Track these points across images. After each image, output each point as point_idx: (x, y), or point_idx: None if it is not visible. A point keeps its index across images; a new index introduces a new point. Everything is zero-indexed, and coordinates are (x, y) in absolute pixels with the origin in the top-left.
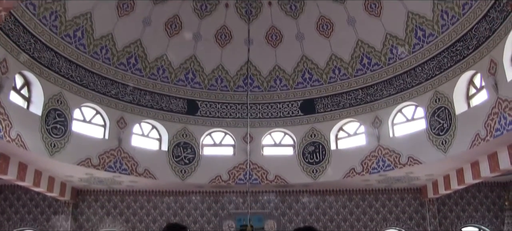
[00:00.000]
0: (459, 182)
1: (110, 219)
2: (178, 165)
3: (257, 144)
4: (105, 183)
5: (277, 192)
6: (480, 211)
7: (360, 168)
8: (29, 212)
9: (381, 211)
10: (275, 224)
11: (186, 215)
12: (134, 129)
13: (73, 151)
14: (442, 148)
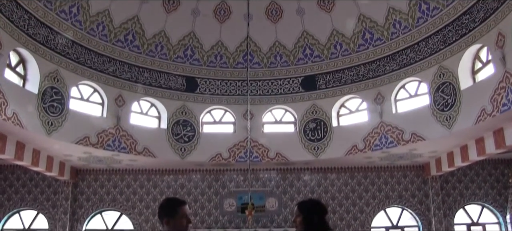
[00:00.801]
0: (463, 159)
1: (110, 198)
2: (177, 143)
3: (257, 121)
4: (105, 162)
5: (278, 169)
6: (484, 189)
7: (362, 145)
8: (29, 192)
9: (384, 188)
10: (276, 202)
11: (186, 194)
12: (133, 106)
13: (71, 130)
14: (446, 124)
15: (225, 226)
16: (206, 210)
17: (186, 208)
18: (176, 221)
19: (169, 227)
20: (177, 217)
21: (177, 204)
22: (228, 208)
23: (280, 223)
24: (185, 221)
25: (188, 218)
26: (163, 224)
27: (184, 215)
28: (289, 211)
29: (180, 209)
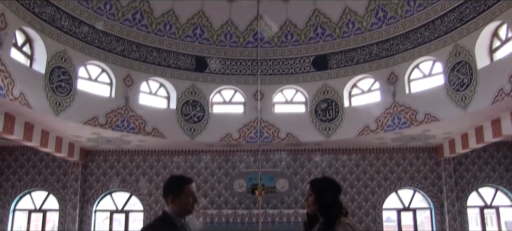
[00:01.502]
0: (478, 141)
1: (120, 179)
2: (187, 123)
3: (268, 101)
4: (114, 143)
5: (289, 150)
6: (498, 171)
7: (374, 125)
8: (39, 173)
9: (396, 170)
10: (287, 183)
11: (196, 175)
12: (142, 87)
13: (79, 110)
14: (461, 104)
15: (235, 207)
16: (216, 191)
17: (193, 186)
18: (181, 200)
19: (174, 206)
20: (183, 195)
21: (183, 182)
22: (238, 189)
23: (290, 204)
24: (191, 199)
25: (194, 197)
26: (168, 203)
27: (190, 194)
28: (300, 192)
29: (186, 187)
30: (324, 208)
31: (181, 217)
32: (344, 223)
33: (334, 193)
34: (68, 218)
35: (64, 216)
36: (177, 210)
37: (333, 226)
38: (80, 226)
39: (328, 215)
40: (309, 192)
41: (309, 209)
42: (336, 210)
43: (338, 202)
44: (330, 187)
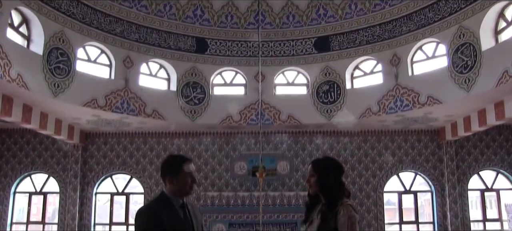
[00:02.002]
0: (480, 123)
1: (120, 161)
2: (187, 105)
3: (269, 83)
4: (114, 125)
5: (290, 132)
6: (499, 155)
7: (376, 108)
8: (39, 155)
9: (397, 153)
10: (288, 165)
11: (197, 157)
12: (142, 68)
13: (78, 92)
14: (464, 86)
15: (236, 189)
16: (216, 173)
17: (191, 166)
18: (179, 180)
19: (172, 186)
20: (181, 175)
21: (181, 161)
22: (239, 171)
23: (291, 186)
24: (189, 179)
25: (193, 176)
26: (166, 183)
27: (189, 174)
28: (301, 174)
29: (185, 167)
30: (326, 188)
31: (179, 198)
32: (347, 204)
33: (337, 174)
34: (68, 201)
35: (65, 198)
36: (175, 190)
37: (335, 208)
38: (80, 208)
39: (330, 196)
40: (311, 173)
41: (311, 189)
42: (339, 191)
43: (341, 183)
44: (332, 167)
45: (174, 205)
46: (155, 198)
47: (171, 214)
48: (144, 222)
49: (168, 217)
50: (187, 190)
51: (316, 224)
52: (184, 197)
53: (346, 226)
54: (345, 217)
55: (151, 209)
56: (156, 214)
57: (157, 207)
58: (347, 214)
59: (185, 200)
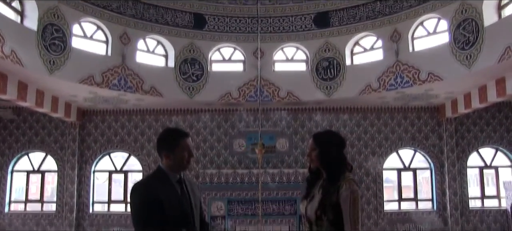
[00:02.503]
0: (481, 100)
1: (118, 139)
2: (185, 82)
3: (268, 59)
4: (111, 103)
5: (289, 109)
6: (499, 132)
7: (376, 84)
8: (36, 133)
9: (397, 130)
10: (287, 142)
11: (195, 134)
12: (139, 44)
13: (74, 69)
14: (466, 63)
15: (235, 166)
16: (215, 151)
17: (189, 141)
18: (176, 155)
19: (168, 161)
20: (177, 150)
21: (178, 135)
22: (237, 149)
23: (290, 163)
24: (186, 154)
25: (190, 151)
26: (162, 158)
27: (186, 148)
28: (300, 151)
29: (182, 141)
30: (328, 163)
31: (176, 173)
32: (349, 179)
33: (338, 147)
34: (66, 179)
35: (63, 177)
36: (172, 165)
37: (337, 182)
38: (79, 186)
39: (332, 170)
40: (312, 146)
41: (312, 164)
42: (341, 165)
43: (343, 157)
44: (334, 140)
45: (171, 180)
46: (151, 173)
47: (168, 189)
48: (139, 197)
49: (164, 192)
50: (184, 165)
51: (318, 200)
52: (181, 172)
53: (348, 201)
54: (348, 192)
55: (147, 184)
56: (152, 189)
57: (153, 182)
58: (349, 189)
59: (182, 175)
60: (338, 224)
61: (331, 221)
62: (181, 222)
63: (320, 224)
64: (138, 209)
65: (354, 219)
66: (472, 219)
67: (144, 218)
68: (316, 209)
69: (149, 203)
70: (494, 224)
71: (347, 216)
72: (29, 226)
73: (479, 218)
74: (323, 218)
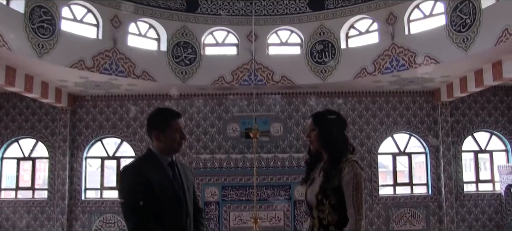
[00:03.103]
0: (477, 84)
1: (110, 124)
2: (178, 66)
3: (262, 43)
4: (103, 88)
5: (283, 93)
6: (494, 116)
7: (372, 67)
8: (26, 120)
9: (392, 114)
10: (281, 127)
11: (188, 119)
12: (130, 28)
13: (64, 52)
14: (462, 45)
15: (229, 151)
16: (209, 136)
17: (180, 122)
18: (167, 136)
19: (159, 143)
20: (168, 131)
21: (169, 116)
22: (231, 134)
23: (284, 148)
24: (178, 136)
25: (182, 133)
26: (153, 140)
27: (177, 129)
28: (294, 136)
29: (173, 122)
30: (329, 143)
31: (167, 155)
32: (352, 160)
33: (339, 127)
34: (58, 166)
35: (54, 163)
36: (162, 147)
37: (339, 164)
38: (70, 173)
39: (333, 152)
40: (312, 126)
41: (312, 146)
42: (342, 145)
43: (344, 137)
44: (335, 120)
45: (161, 163)
46: (141, 156)
47: (159, 172)
48: (128, 181)
49: (155, 175)
50: (176, 147)
51: (318, 183)
52: (172, 154)
53: (351, 184)
54: (351, 174)
55: (136, 167)
56: (142, 172)
57: (143, 165)
58: (352, 171)
59: (174, 158)
60: (340, 209)
61: (333, 205)
62: (173, 207)
63: (322, 209)
64: (127, 193)
65: (357, 203)
66: (467, 203)
67: (133, 202)
68: (317, 193)
69: (138, 186)
70: (488, 208)
71: (350, 200)
72: (20, 214)
73: (473, 202)
74: (324, 203)
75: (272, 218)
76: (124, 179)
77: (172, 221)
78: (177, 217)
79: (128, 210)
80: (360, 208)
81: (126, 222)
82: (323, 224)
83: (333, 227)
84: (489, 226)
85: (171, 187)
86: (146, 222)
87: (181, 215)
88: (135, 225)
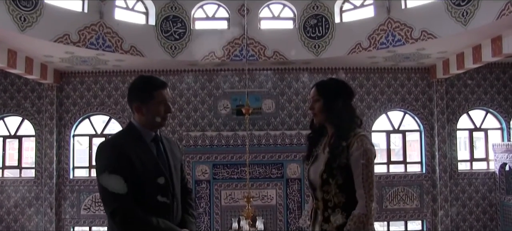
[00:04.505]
0: (475, 60)
1: (98, 101)
2: (167, 40)
3: (253, 17)
4: (89, 63)
5: (276, 69)
6: (490, 93)
7: (367, 43)
8: (11, 97)
9: (386, 91)
10: (273, 103)
11: (178, 96)
12: (117, 1)
13: (48, 26)
14: (462, 20)
15: (220, 129)
16: (199, 113)
17: (165, 92)
18: (150, 108)
19: (140, 116)
20: (152, 103)
21: (153, 86)
22: (222, 110)
23: (277, 125)
24: (162, 108)
25: (167, 104)
26: (134, 112)
27: (162, 101)
28: (287, 113)
29: (157, 93)
30: (335, 115)
31: (151, 130)
32: (361, 135)
33: (346, 97)
34: (45, 144)
35: (41, 142)
36: (145, 121)
37: (347, 139)
38: (58, 151)
39: (340, 125)
40: (315, 97)
41: (316, 118)
42: (350, 118)
43: (352, 109)
44: (341, 89)
45: (144, 138)
46: (121, 130)
47: (140, 149)
48: (105, 158)
49: (136, 152)
50: (160, 121)
51: (323, 160)
52: (156, 129)
53: (360, 162)
54: (360, 151)
55: (114, 143)
56: (120, 148)
57: (123, 140)
58: (362, 147)
59: (159, 133)
60: (348, 190)
61: (340, 186)
62: (157, 188)
63: (327, 189)
64: (103, 171)
65: (368, 183)
66: (461, 182)
67: (111, 182)
68: (321, 172)
69: (116, 165)
70: (482, 186)
71: (359, 179)
72: (8, 193)
73: (467, 181)
74: (330, 183)
75: (264, 196)
76: (100, 157)
77: (156, 204)
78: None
79: (106, 192)
80: (370, 189)
81: (104, 206)
82: (329, 206)
83: (340, 209)
84: (482, 205)
85: (155, 166)
86: (127, 206)
87: (167, 196)
88: (114, 210)
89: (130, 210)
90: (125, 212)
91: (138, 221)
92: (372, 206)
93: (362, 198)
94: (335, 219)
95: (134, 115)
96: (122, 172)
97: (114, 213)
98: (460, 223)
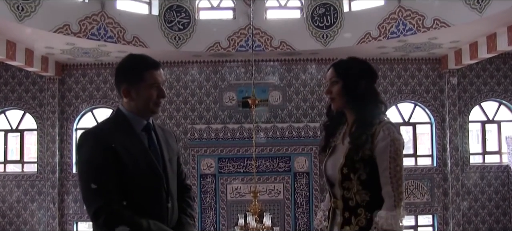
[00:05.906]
0: (489, 50)
1: (101, 94)
2: (171, 31)
3: (260, 6)
4: (91, 55)
5: (283, 60)
6: (503, 85)
7: (376, 32)
8: (12, 90)
9: (396, 82)
10: (280, 95)
11: (183, 88)
12: None
13: (48, 16)
14: (477, 6)
15: (225, 121)
16: (204, 105)
17: (158, 74)
18: (140, 92)
19: (129, 101)
20: (142, 85)
21: (143, 66)
22: (228, 103)
23: (284, 118)
24: (154, 92)
25: (160, 88)
26: (121, 95)
27: (154, 84)
28: (294, 105)
29: (148, 74)
30: (357, 100)
31: (142, 118)
32: (387, 123)
33: (369, 79)
34: (47, 138)
35: (43, 135)
36: (134, 107)
37: (371, 128)
38: (60, 145)
39: (363, 111)
40: (333, 78)
41: (334, 104)
42: (374, 103)
43: (376, 92)
44: (364, 69)
45: (133, 127)
46: (107, 118)
47: (128, 139)
48: (88, 150)
49: (124, 143)
50: (151, 107)
51: (343, 152)
52: (148, 116)
53: (388, 154)
54: (387, 141)
55: (98, 133)
56: (105, 140)
57: (109, 129)
58: (389, 136)
59: (151, 121)
60: (372, 186)
61: (363, 181)
62: (149, 184)
63: (348, 186)
64: (85, 165)
65: (396, 178)
66: (473, 175)
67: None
68: (342, 166)
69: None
70: (494, 180)
71: (386, 174)
72: (10, 188)
73: (479, 174)
74: (352, 178)
75: (271, 191)
76: (82, 149)
77: (148, 202)
78: (154, 196)
79: (88, 189)
80: (399, 185)
81: (86, 205)
82: (350, 205)
83: (363, 209)
84: (495, 199)
85: (145, 158)
86: (112, 205)
87: (160, 195)
88: (98, 209)
89: (116, 210)
90: (110, 212)
91: (125, 223)
92: (401, 206)
93: (389, 196)
94: (357, 220)
95: (122, 100)
96: (107, 166)
97: (97, 213)
98: (472, 218)
